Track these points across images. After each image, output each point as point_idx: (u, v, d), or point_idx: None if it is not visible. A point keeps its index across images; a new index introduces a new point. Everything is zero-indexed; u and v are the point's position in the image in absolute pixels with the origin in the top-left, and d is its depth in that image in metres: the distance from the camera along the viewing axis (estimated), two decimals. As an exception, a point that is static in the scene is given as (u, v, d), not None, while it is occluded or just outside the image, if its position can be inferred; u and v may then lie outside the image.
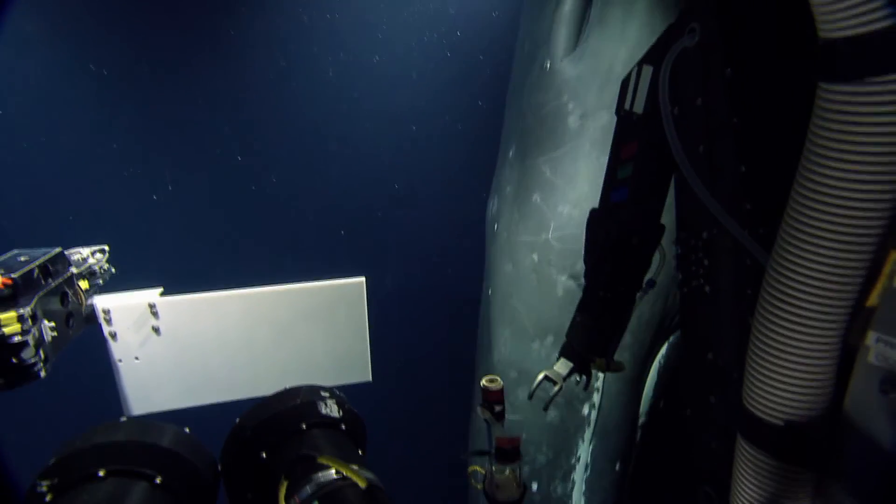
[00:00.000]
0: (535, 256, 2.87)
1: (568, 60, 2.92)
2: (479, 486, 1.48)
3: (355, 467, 1.04)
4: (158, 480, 1.01)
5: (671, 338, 2.83)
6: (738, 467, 1.10)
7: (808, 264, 0.88)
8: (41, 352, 1.16)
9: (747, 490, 1.07)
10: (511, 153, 3.28)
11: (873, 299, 0.86)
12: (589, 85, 2.84)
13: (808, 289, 0.89)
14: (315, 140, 5.19)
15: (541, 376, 1.83)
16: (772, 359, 0.97)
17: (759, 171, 1.24)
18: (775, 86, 1.22)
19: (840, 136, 0.82)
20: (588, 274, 1.80)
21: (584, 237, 1.47)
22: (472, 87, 4.89)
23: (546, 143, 2.94)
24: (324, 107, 5.15)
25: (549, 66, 2.97)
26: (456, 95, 5.08)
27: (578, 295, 2.58)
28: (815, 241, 0.87)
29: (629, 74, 1.62)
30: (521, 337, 2.95)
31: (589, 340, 1.77)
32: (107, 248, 1.64)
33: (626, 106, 1.63)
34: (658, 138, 1.42)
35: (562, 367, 1.83)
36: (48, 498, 0.92)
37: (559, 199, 2.82)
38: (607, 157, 1.72)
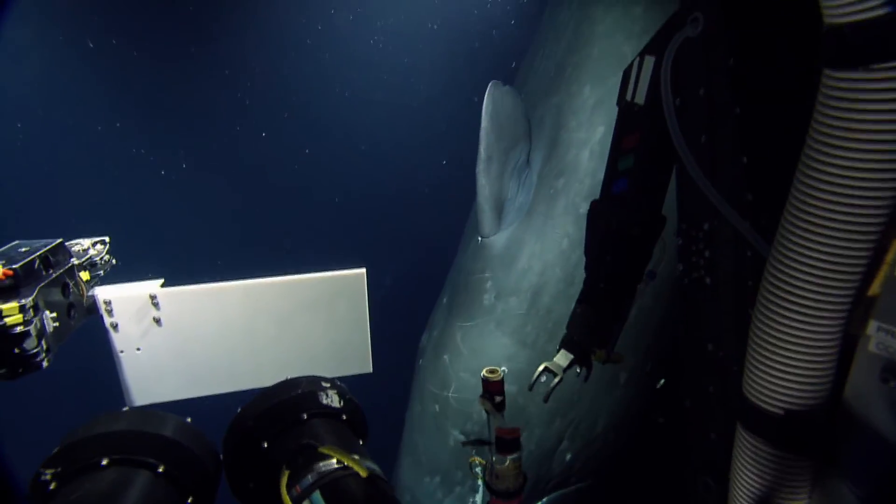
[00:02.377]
0: (437, 406, 3.19)
1: (496, 238, 3.23)
2: (480, 478, 1.49)
3: (356, 457, 1.04)
4: (161, 470, 1.01)
5: (545, 498, 3.18)
6: (737, 456, 1.10)
7: (810, 253, 0.88)
8: (43, 342, 1.16)
9: (746, 478, 1.07)
10: (445, 300, 3.59)
11: (875, 288, 0.86)
12: (507, 270, 3.13)
13: (809, 278, 0.89)
14: (329, 130, 4.91)
15: (541, 368, 1.83)
16: (772, 348, 0.97)
17: (761, 162, 1.23)
18: (778, 75, 1.21)
19: (844, 123, 0.81)
20: (589, 265, 1.80)
21: (479, 397, 1.51)
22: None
23: (464, 311, 3.25)
24: (358, 82, 4.77)
25: (479, 239, 3.30)
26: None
27: (467, 448, 2.79)
28: (818, 229, 0.86)
29: (631, 65, 1.60)
30: (417, 468, 3.29)
31: (589, 332, 1.77)
32: (107, 239, 1.64)
33: (628, 97, 1.62)
34: (660, 129, 1.41)
35: (562, 358, 1.84)
36: (52, 486, 0.93)
37: (462, 366, 3.13)
38: (508, 336, 1.75)
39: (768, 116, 1.23)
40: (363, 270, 1.67)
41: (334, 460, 1.02)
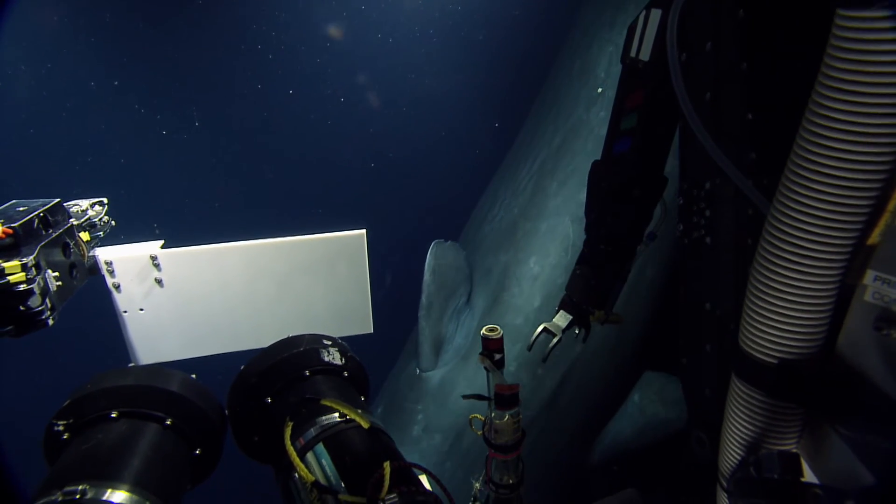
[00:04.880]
0: None
1: (433, 374, 3.47)
2: (479, 433, 1.53)
3: (359, 411, 1.07)
4: (169, 423, 1.04)
5: None
6: (730, 406, 1.13)
7: (813, 202, 0.87)
8: (48, 301, 1.17)
9: (738, 427, 1.10)
10: (380, 410, 3.84)
11: (875, 237, 0.85)
12: (438, 407, 3.36)
13: (810, 227, 0.89)
14: (331, 85, 4.65)
15: (540, 329, 1.86)
16: (769, 298, 0.98)
17: (766, 120, 1.21)
18: (789, 28, 1.18)
19: (856, 66, 0.79)
20: (589, 226, 1.80)
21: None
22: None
23: (394, 433, 3.44)
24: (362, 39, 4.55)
25: (418, 371, 3.58)
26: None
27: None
28: (822, 178, 0.85)
29: (636, 20, 1.56)
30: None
31: (588, 293, 1.79)
32: (105, 200, 1.63)
33: (633, 53, 1.58)
34: (664, 87, 1.38)
35: (561, 319, 1.86)
36: (65, 437, 0.96)
37: None
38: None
39: (776, 72, 1.20)
40: (363, 231, 1.67)
41: (336, 414, 1.05)
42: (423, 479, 1.07)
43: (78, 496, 0.78)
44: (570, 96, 3.62)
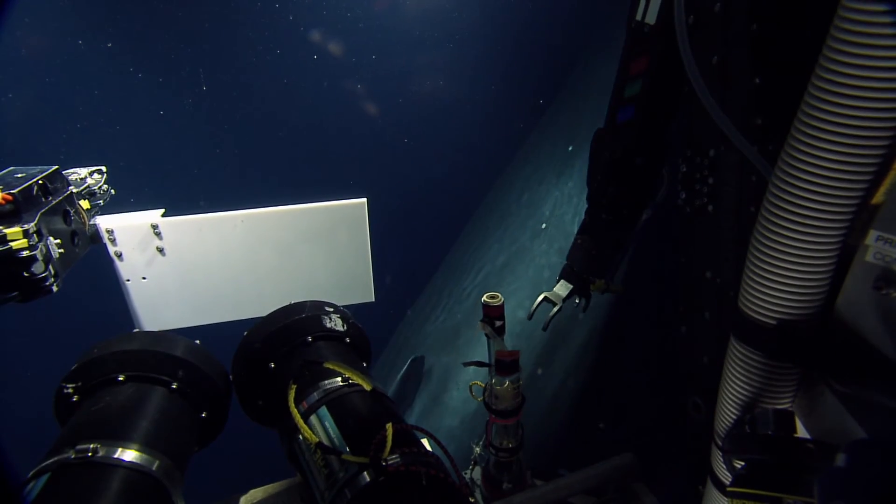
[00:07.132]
0: None
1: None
2: (480, 399, 1.55)
3: (361, 374, 1.09)
4: (174, 386, 1.06)
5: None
6: (727, 369, 1.14)
7: (818, 160, 0.86)
8: (51, 267, 1.18)
9: (735, 388, 1.12)
10: None
11: (879, 196, 0.84)
12: None
13: (814, 188, 0.87)
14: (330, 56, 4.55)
15: (541, 298, 1.86)
16: (770, 259, 0.97)
17: (774, 84, 1.19)
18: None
19: (869, 17, 0.76)
20: (591, 195, 1.79)
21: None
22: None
23: None
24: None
25: None
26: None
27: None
28: (829, 135, 0.84)
29: None
30: None
31: (589, 262, 1.79)
32: (104, 168, 1.62)
33: (639, 17, 1.53)
34: (670, 52, 1.35)
35: (561, 288, 1.86)
36: (75, 399, 0.98)
37: None
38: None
39: (786, 34, 1.17)
40: (364, 200, 1.66)
41: (339, 377, 1.06)
42: (425, 441, 1.09)
43: (90, 454, 0.81)
44: (517, 222, 3.96)
